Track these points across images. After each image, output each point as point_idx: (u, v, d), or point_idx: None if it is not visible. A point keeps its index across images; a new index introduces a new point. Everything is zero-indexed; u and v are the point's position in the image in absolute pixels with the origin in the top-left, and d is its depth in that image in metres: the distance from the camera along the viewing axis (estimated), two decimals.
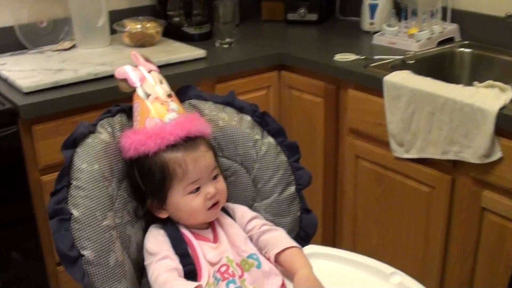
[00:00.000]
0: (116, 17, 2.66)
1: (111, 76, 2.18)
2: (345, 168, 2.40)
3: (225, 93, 2.38)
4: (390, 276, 1.38)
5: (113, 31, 2.63)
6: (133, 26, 2.55)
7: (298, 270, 1.36)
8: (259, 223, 1.49)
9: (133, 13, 2.76)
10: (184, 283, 1.27)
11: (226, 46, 2.65)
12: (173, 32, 2.72)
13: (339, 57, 2.37)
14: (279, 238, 1.45)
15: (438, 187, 2.06)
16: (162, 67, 2.31)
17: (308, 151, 2.53)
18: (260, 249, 1.45)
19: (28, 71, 2.26)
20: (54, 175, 2.08)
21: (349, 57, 2.37)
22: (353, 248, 2.39)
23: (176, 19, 2.78)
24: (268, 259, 1.42)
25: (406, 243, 2.20)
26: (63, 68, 2.28)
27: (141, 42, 2.53)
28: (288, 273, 1.40)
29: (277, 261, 1.41)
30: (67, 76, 2.20)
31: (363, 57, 2.35)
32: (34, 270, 2.22)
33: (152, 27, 2.56)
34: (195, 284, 1.27)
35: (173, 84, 1.54)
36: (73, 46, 2.56)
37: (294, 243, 1.44)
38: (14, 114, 2.03)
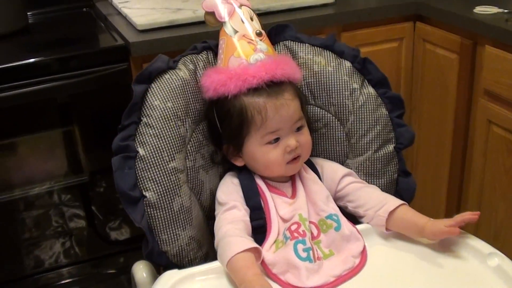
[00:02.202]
0: None
1: None
2: (476, 134, 2.17)
3: (353, 43, 2.26)
4: (487, 257, 1.18)
5: None
6: None
7: (425, 223, 1.21)
8: (354, 180, 1.35)
9: None
10: (243, 240, 1.16)
11: None
12: None
13: (480, 9, 2.13)
14: (383, 195, 1.32)
15: None
16: (285, 12, 2.24)
17: (438, 112, 2.33)
18: (357, 207, 1.31)
19: (148, 9, 2.23)
20: None
21: (491, 10, 2.11)
22: (477, 222, 2.15)
23: None
24: (370, 217, 1.29)
25: None
26: (183, 8, 2.23)
27: None
28: (407, 228, 1.26)
29: (390, 218, 1.25)
30: (184, 15, 2.14)
31: (506, 10, 2.09)
32: None
33: None
34: (253, 245, 1.15)
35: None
36: None
37: (401, 200, 1.29)
38: (126, 51, 2.01)
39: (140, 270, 1.32)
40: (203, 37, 2.03)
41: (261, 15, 2.17)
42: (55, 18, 2.38)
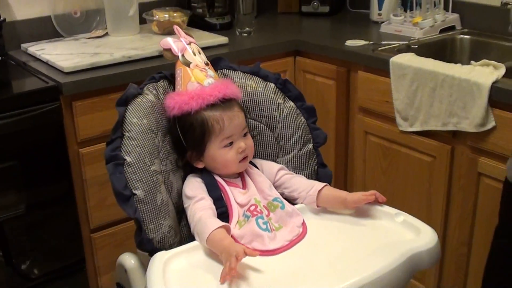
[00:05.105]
0: (145, 7, 2.92)
1: (143, 59, 2.46)
2: (355, 144, 2.61)
3: None
4: (394, 216, 1.59)
5: (142, 21, 2.87)
6: (161, 15, 2.78)
7: (346, 195, 1.60)
8: (286, 172, 1.73)
9: (161, 4, 3.00)
10: (215, 221, 1.50)
11: (245, 34, 2.88)
12: (196, 22, 2.97)
13: (350, 42, 2.59)
14: (310, 181, 1.71)
15: (439, 156, 2.27)
16: None
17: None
18: (292, 191, 1.69)
19: (67, 55, 2.49)
20: (92, 147, 2.35)
21: (359, 42, 2.59)
22: None
23: (199, 10, 3.02)
24: (303, 198, 1.66)
25: (410, 210, 2.32)
26: (99, 52, 2.51)
27: (168, 30, 2.75)
28: (333, 202, 1.63)
29: (319, 196, 1.63)
30: (103, 58, 2.43)
31: (371, 42, 2.57)
32: (70, 237, 2.44)
33: (178, 16, 2.80)
34: (223, 223, 1.49)
35: None
36: (105, 34, 2.79)
37: (324, 183, 1.68)
38: (57, 91, 2.25)
39: (127, 259, 1.61)
40: (125, 76, 2.36)
41: None
42: None
